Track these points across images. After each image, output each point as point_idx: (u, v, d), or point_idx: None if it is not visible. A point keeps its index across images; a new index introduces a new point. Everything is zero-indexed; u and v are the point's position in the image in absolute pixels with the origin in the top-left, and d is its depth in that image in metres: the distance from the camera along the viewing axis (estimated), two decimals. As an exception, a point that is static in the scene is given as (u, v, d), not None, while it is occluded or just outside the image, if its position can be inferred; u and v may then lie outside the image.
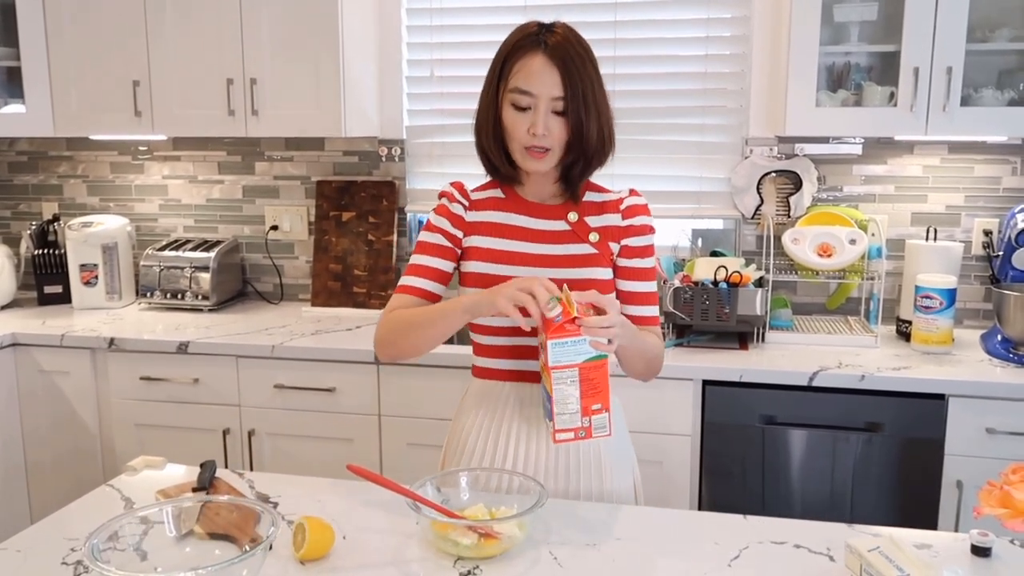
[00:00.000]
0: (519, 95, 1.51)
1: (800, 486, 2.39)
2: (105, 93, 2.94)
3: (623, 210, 1.63)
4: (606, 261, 1.60)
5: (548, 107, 1.50)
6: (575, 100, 1.49)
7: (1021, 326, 2.40)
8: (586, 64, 1.51)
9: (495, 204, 1.65)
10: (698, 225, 2.97)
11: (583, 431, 1.42)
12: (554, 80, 1.48)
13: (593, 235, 1.61)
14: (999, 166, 2.75)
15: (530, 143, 1.52)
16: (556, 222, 1.62)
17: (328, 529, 1.32)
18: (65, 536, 1.39)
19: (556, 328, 1.38)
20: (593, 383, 1.40)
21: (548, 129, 1.51)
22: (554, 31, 1.53)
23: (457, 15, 3.04)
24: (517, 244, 1.61)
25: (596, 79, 1.53)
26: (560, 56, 1.49)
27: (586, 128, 1.52)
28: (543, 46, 1.49)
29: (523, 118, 1.52)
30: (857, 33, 2.60)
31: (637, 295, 1.62)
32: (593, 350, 1.38)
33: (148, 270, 3.11)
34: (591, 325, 1.36)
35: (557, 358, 1.38)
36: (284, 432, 2.67)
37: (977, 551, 1.31)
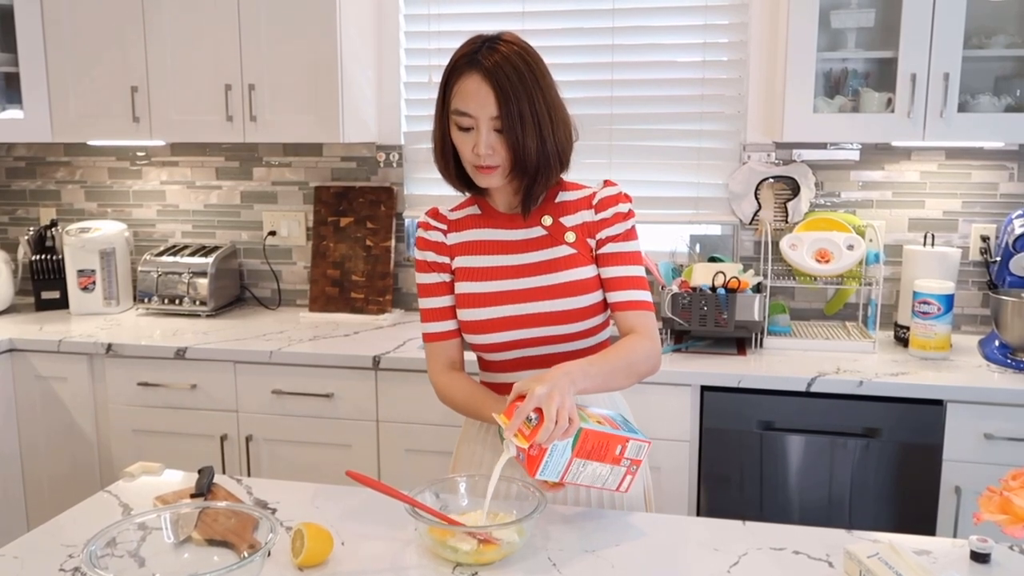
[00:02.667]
0: (460, 116, 1.50)
1: (799, 492, 2.39)
2: (103, 99, 2.94)
3: (595, 204, 1.60)
4: (586, 259, 1.59)
5: (488, 126, 1.49)
6: (510, 119, 1.47)
7: (1019, 331, 2.41)
8: (525, 80, 1.48)
9: (473, 221, 1.65)
10: (696, 231, 2.97)
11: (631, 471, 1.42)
12: (489, 100, 1.47)
13: (569, 235, 1.60)
14: (996, 172, 2.76)
15: (477, 162, 1.52)
16: (532, 229, 1.61)
17: (326, 535, 1.32)
18: (63, 542, 1.38)
19: (529, 463, 1.33)
20: (597, 447, 1.37)
21: (491, 147, 1.50)
22: (496, 47, 1.49)
23: (455, 21, 3.05)
24: (498, 258, 1.61)
25: (539, 94, 1.50)
26: (495, 76, 1.47)
27: (523, 147, 1.49)
28: (479, 65, 1.48)
29: (467, 138, 1.51)
30: (854, 39, 2.61)
31: (620, 279, 1.59)
32: (569, 440, 1.34)
33: (146, 276, 3.11)
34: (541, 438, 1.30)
35: (556, 473, 1.35)
36: (282, 438, 2.67)
37: (976, 557, 1.31)
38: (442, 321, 1.66)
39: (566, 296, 1.57)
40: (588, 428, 1.36)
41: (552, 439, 1.31)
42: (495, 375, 1.66)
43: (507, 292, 1.59)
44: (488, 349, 1.62)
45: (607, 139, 2.98)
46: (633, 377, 1.56)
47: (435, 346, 1.67)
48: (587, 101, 2.98)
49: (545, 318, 1.57)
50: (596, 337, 1.64)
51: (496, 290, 1.59)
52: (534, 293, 1.58)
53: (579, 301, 1.57)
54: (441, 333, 1.66)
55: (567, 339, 1.59)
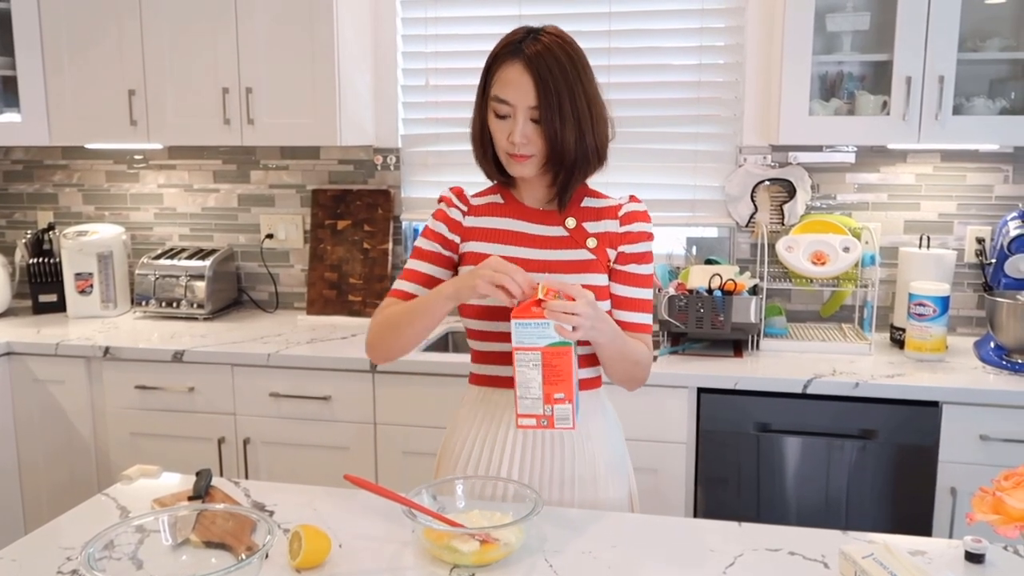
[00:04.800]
0: (498, 104, 1.52)
1: (795, 493, 2.40)
2: (101, 102, 2.94)
3: (621, 216, 1.63)
4: (603, 267, 1.60)
5: (526, 115, 1.51)
6: (549, 110, 1.49)
7: (1014, 333, 2.42)
8: (566, 73, 1.50)
9: (494, 210, 1.66)
10: (692, 233, 2.98)
11: (545, 419, 1.42)
12: (529, 89, 1.49)
13: (591, 240, 1.61)
14: (991, 174, 2.77)
15: (511, 150, 1.53)
16: (554, 228, 1.62)
17: (324, 537, 1.32)
18: (60, 545, 1.38)
19: (521, 308, 1.39)
20: (555, 369, 1.39)
21: (527, 137, 1.51)
22: (539, 38, 1.52)
23: (452, 24, 3.05)
24: (515, 249, 1.61)
25: (580, 88, 1.52)
26: (536, 65, 1.49)
27: (561, 138, 1.51)
28: (522, 54, 1.50)
29: (504, 125, 1.53)
30: (850, 42, 2.62)
31: (629, 300, 1.61)
32: (557, 335, 1.38)
33: (143, 279, 3.11)
34: (555, 308, 1.36)
35: (520, 339, 1.39)
36: (280, 441, 2.67)
37: (971, 557, 1.32)
38: (417, 284, 1.64)
39: None
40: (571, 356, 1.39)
41: (557, 314, 1.36)
42: (486, 367, 1.65)
43: None
44: (489, 338, 1.61)
45: (604, 142, 2.99)
46: (630, 377, 1.59)
47: (398, 303, 1.63)
48: (584, 104, 2.98)
49: None
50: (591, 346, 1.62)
51: None
52: None
53: None
54: (409, 294, 1.64)
55: None
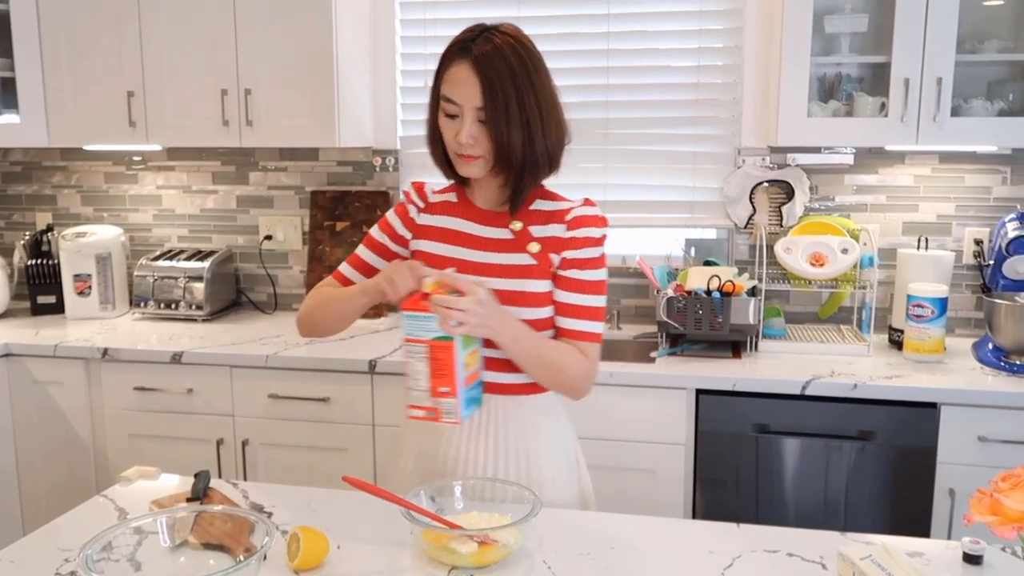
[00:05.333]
0: (447, 103, 1.51)
1: (793, 494, 2.40)
2: (99, 103, 2.94)
3: (569, 220, 1.57)
4: (544, 273, 1.56)
5: (473, 116, 1.49)
6: (495, 111, 1.47)
7: (1012, 335, 2.42)
8: (515, 74, 1.48)
9: (448, 208, 1.65)
10: (691, 234, 2.98)
11: (432, 411, 1.43)
12: (475, 90, 1.47)
13: (533, 245, 1.56)
14: (989, 176, 2.77)
15: (459, 150, 1.52)
16: (500, 230, 1.60)
17: (322, 539, 1.32)
18: (59, 546, 1.38)
19: (412, 300, 1.41)
20: (440, 363, 1.40)
21: (473, 137, 1.49)
22: (491, 38, 1.51)
23: (451, 26, 3.03)
24: (461, 251, 1.60)
25: (530, 90, 1.49)
26: (483, 66, 1.47)
27: (507, 140, 1.48)
28: (470, 54, 1.49)
29: (453, 125, 1.51)
30: (848, 44, 2.62)
31: (573, 308, 1.56)
32: (442, 330, 1.39)
33: (142, 280, 3.11)
34: (439, 303, 1.37)
35: (409, 331, 1.41)
36: (278, 442, 2.67)
37: (969, 559, 1.32)
38: (356, 271, 1.69)
39: (513, 305, 1.53)
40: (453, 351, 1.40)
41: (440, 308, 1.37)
42: None
43: None
44: None
45: (602, 143, 2.99)
46: (556, 382, 1.56)
47: (330, 281, 1.70)
48: (583, 105, 2.99)
49: None
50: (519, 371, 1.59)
51: None
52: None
53: (526, 312, 1.54)
54: (346, 278, 1.69)
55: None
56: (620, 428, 2.43)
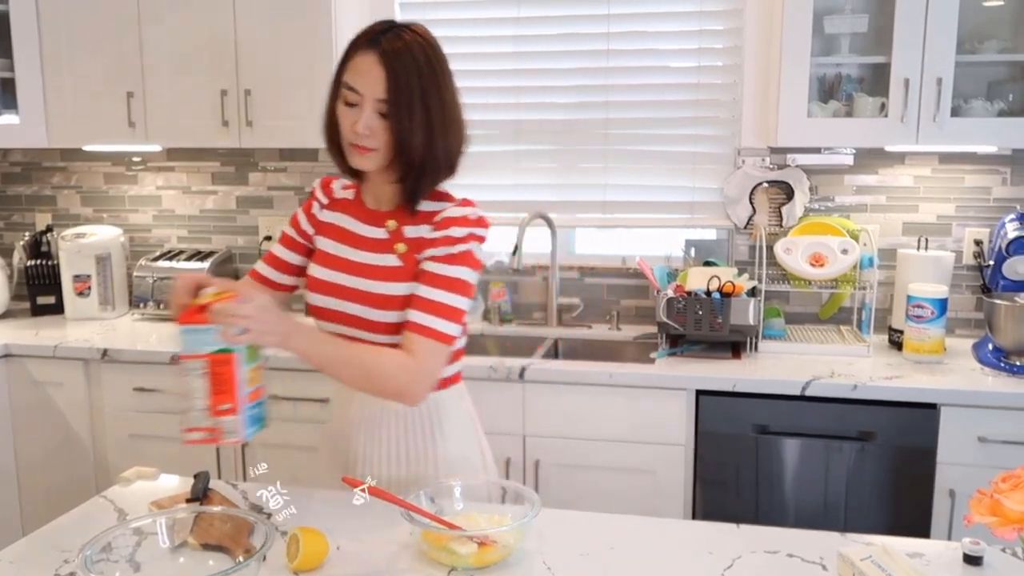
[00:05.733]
0: (347, 91, 1.49)
1: (793, 495, 2.40)
2: (99, 104, 2.94)
3: (437, 221, 1.53)
4: (408, 275, 1.53)
5: (373, 107, 1.47)
6: (398, 106, 1.46)
7: (1012, 335, 2.42)
8: (422, 73, 1.47)
9: (343, 206, 1.65)
10: (691, 235, 2.98)
11: (212, 432, 1.35)
12: (379, 81, 1.46)
13: (400, 246, 1.55)
14: (989, 176, 2.77)
15: (354, 140, 1.49)
16: (378, 230, 1.59)
17: (322, 540, 1.32)
18: (58, 547, 1.38)
19: (187, 313, 1.33)
20: (220, 378, 1.32)
21: (370, 129, 1.47)
22: (400, 35, 1.50)
23: (450, 26, 3.05)
24: (345, 249, 1.60)
25: (435, 91, 1.49)
26: (391, 59, 1.46)
27: (409, 137, 1.47)
28: (378, 46, 1.48)
29: (351, 114, 1.49)
30: (848, 44, 2.62)
31: (420, 300, 1.50)
32: (222, 341, 1.31)
33: (141, 281, 3.11)
34: (219, 312, 1.30)
35: (185, 347, 1.32)
36: (277, 443, 2.66)
37: (969, 559, 1.32)
38: (268, 266, 1.69)
39: (375, 307, 1.53)
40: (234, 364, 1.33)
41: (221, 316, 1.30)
42: None
43: (334, 285, 1.59)
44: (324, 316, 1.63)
45: (602, 143, 2.99)
46: (369, 386, 1.49)
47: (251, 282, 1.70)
48: (582, 106, 2.99)
49: (353, 320, 1.56)
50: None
51: (327, 280, 1.60)
52: (351, 293, 1.56)
53: (387, 315, 1.52)
54: (258, 274, 1.70)
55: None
56: (620, 429, 2.43)
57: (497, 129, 3.05)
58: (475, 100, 3.08)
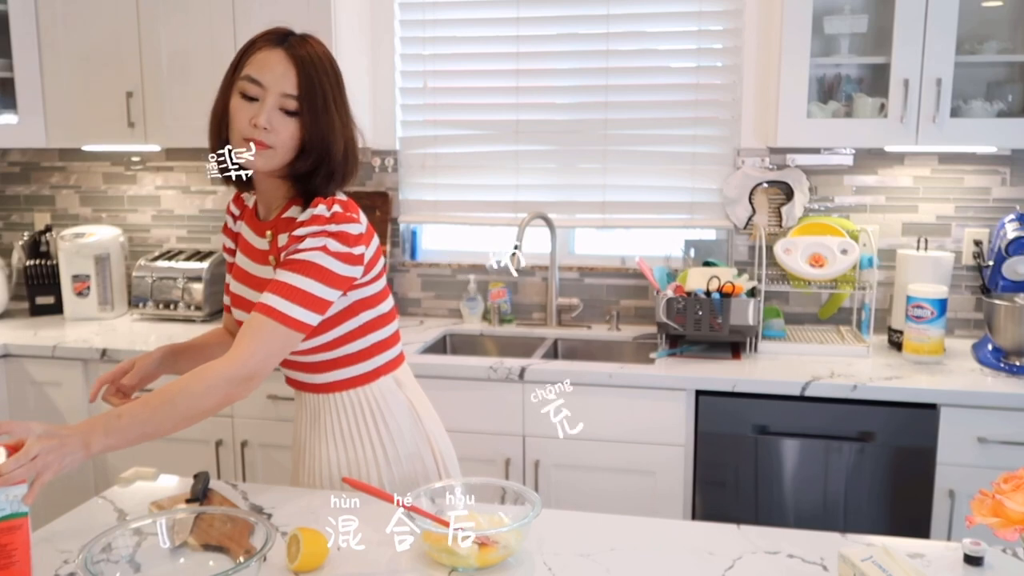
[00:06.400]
0: (248, 83, 1.44)
1: (793, 496, 2.40)
2: (98, 104, 2.94)
3: (299, 222, 1.46)
4: None
5: (276, 102, 1.43)
6: (311, 102, 1.44)
7: (1012, 336, 2.42)
8: (330, 77, 1.47)
9: (247, 215, 1.64)
10: (691, 235, 2.98)
11: None
12: (288, 77, 1.43)
13: (272, 258, 1.51)
14: (989, 176, 2.77)
15: (250, 134, 1.43)
16: (261, 240, 1.56)
17: (322, 540, 1.32)
18: (58, 548, 1.38)
19: None
20: (8, 550, 1.13)
21: (272, 125, 1.42)
22: (307, 40, 1.50)
23: (450, 27, 3.05)
24: (244, 261, 1.60)
25: (339, 98, 1.48)
26: (300, 57, 1.45)
27: (325, 138, 1.45)
28: (286, 44, 1.46)
29: (248, 108, 1.44)
30: (847, 45, 2.62)
31: (267, 282, 1.45)
32: (8, 505, 1.14)
33: (140, 281, 3.11)
34: (7, 469, 1.14)
35: None
36: (277, 443, 2.67)
37: (970, 560, 1.32)
38: (226, 295, 1.70)
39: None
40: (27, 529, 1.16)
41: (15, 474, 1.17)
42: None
43: (240, 298, 1.61)
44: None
45: (602, 144, 2.99)
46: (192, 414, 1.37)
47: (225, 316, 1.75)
48: (582, 106, 2.99)
49: None
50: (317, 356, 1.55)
51: (236, 293, 1.62)
52: (248, 305, 1.53)
53: None
54: (225, 305, 1.73)
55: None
56: (620, 429, 2.43)
57: (497, 129, 3.05)
58: (475, 100, 3.09)
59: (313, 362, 1.57)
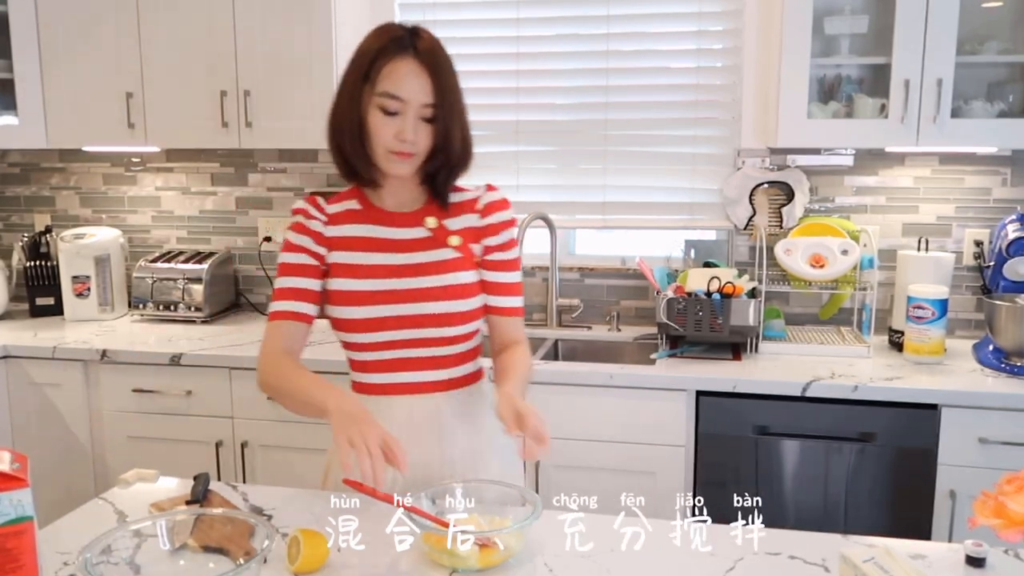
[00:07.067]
0: (388, 100, 1.47)
1: (794, 497, 2.39)
2: (98, 105, 2.93)
3: (480, 209, 1.61)
4: (470, 264, 1.59)
5: (417, 113, 1.47)
6: (444, 107, 1.48)
7: (1012, 336, 2.41)
8: (452, 71, 1.51)
9: (352, 216, 1.62)
10: (691, 236, 2.98)
11: None
12: (425, 88, 1.47)
13: (454, 238, 1.59)
14: (989, 177, 2.77)
15: (397, 148, 1.48)
16: (415, 229, 1.59)
17: (322, 541, 1.32)
18: (57, 550, 1.38)
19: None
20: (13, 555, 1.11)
21: (416, 134, 1.48)
22: (422, 35, 1.51)
23: (450, 27, 3.05)
24: (379, 256, 1.58)
25: (459, 88, 1.53)
26: (431, 62, 1.47)
27: (452, 135, 1.51)
28: (414, 50, 1.47)
29: (390, 123, 1.47)
30: (848, 45, 2.62)
31: (501, 285, 1.62)
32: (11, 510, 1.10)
33: (141, 282, 3.10)
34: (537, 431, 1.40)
35: None
36: (278, 444, 2.66)
37: (972, 561, 1.31)
38: (300, 302, 1.58)
39: (449, 299, 1.56)
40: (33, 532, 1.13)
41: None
42: (367, 375, 1.63)
43: (388, 292, 1.56)
44: (363, 348, 1.60)
45: (602, 144, 2.99)
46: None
47: (282, 325, 1.58)
48: (582, 107, 2.99)
49: (427, 320, 1.55)
50: (471, 342, 1.64)
51: (376, 289, 1.57)
52: (417, 294, 1.55)
53: (461, 305, 1.57)
54: (295, 313, 1.58)
55: (445, 342, 1.58)
56: (620, 430, 2.43)
57: (497, 130, 3.05)
58: (475, 101, 3.01)
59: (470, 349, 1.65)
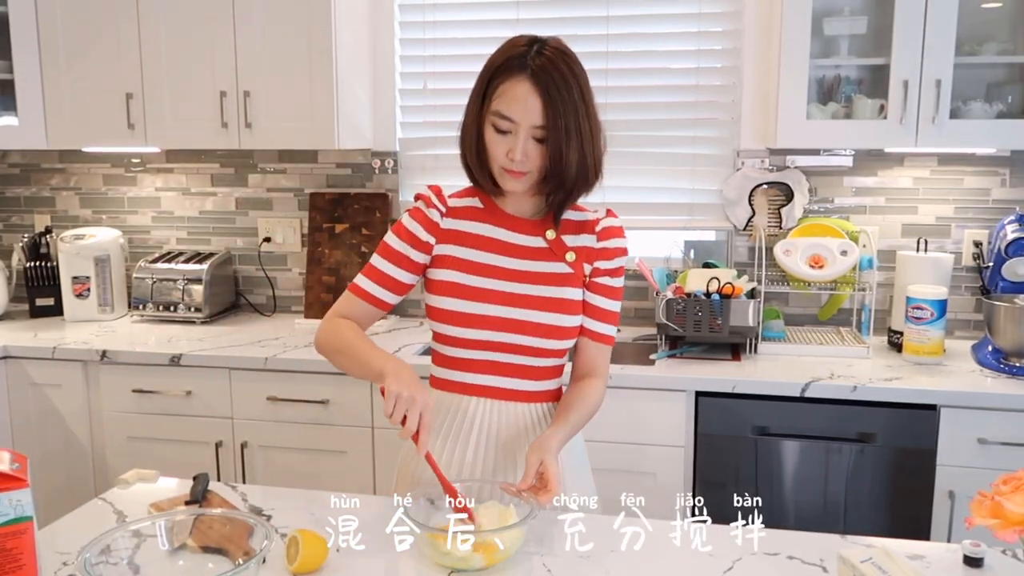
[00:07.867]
0: (500, 119, 1.47)
1: (793, 497, 2.40)
2: (98, 106, 2.93)
3: (599, 231, 1.62)
4: (579, 281, 1.60)
5: (528, 134, 1.47)
6: (555, 131, 1.46)
7: (1012, 337, 2.42)
8: (571, 90, 1.47)
9: (473, 214, 1.63)
10: (690, 236, 2.98)
11: None
12: (535, 108, 1.45)
13: (570, 254, 1.60)
14: (988, 178, 2.77)
15: (508, 166, 1.50)
16: (534, 238, 1.60)
17: (321, 542, 1.32)
18: (57, 550, 1.38)
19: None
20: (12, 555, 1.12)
21: (526, 155, 1.48)
22: (543, 52, 1.48)
23: (450, 28, 3.05)
24: (493, 257, 1.59)
25: (583, 105, 1.49)
26: (544, 83, 1.45)
27: (565, 158, 1.48)
28: (528, 70, 1.45)
29: (503, 141, 1.49)
30: (847, 46, 2.62)
31: (600, 311, 1.63)
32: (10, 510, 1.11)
33: (141, 282, 3.10)
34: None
35: None
36: (277, 445, 2.67)
37: (970, 561, 1.32)
38: (380, 286, 1.62)
39: (554, 311, 1.56)
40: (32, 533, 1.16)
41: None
42: (451, 372, 1.62)
43: (495, 292, 1.57)
44: (456, 344, 1.59)
45: (601, 145, 2.99)
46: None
47: (358, 302, 1.63)
48: (581, 108, 2.99)
49: (527, 327, 1.56)
50: (561, 360, 1.66)
51: (484, 287, 1.57)
52: (523, 300, 1.56)
53: (565, 320, 1.58)
54: (374, 296, 1.62)
55: (539, 353, 1.59)
56: (620, 431, 2.43)
57: (496, 131, 3.05)
58: (474, 102, 3.08)
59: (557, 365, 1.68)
